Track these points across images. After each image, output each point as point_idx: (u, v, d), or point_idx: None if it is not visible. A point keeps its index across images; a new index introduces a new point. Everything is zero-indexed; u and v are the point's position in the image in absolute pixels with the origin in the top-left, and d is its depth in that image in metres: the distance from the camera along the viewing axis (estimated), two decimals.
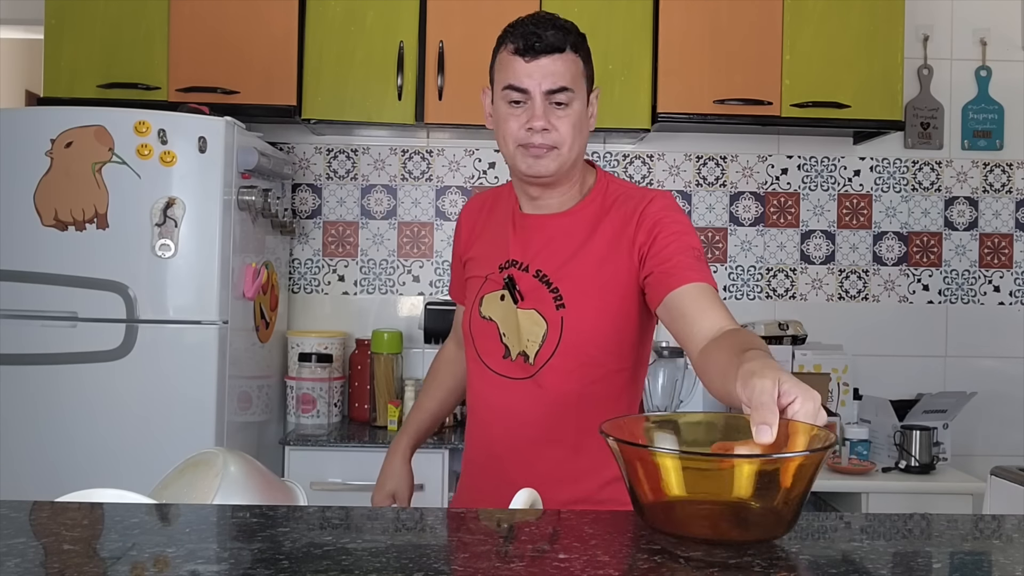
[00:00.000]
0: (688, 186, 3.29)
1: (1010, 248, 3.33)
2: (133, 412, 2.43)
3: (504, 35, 1.54)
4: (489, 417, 1.61)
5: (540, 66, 1.49)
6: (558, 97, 1.50)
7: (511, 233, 1.60)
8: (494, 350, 1.58)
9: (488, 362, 1.59)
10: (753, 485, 0.92)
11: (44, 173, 2.45)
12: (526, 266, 1.57)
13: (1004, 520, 1.16)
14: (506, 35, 1.54)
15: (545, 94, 1.49)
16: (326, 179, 3.25)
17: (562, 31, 1.51)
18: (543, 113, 1.49)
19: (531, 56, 1.49)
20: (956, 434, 3.06)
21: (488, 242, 1.67)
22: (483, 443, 1.64)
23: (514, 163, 1.55)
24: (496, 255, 1.61)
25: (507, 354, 1.57)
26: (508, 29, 1.54)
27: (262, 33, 2.87)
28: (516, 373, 1.56)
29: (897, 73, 2.93)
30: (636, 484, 0.97)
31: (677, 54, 2.91)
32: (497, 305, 1.58)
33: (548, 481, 1.47)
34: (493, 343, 1.58)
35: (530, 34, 1.49)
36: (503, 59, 1.53)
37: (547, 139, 1.50)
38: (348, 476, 2.72)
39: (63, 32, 2.85)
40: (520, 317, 1.55)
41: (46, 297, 2.44)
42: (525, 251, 1.58)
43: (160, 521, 1.06)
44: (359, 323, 3.22)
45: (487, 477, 1.63)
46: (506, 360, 1.57)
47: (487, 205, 1.71)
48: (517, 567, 0.92)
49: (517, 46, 1.50)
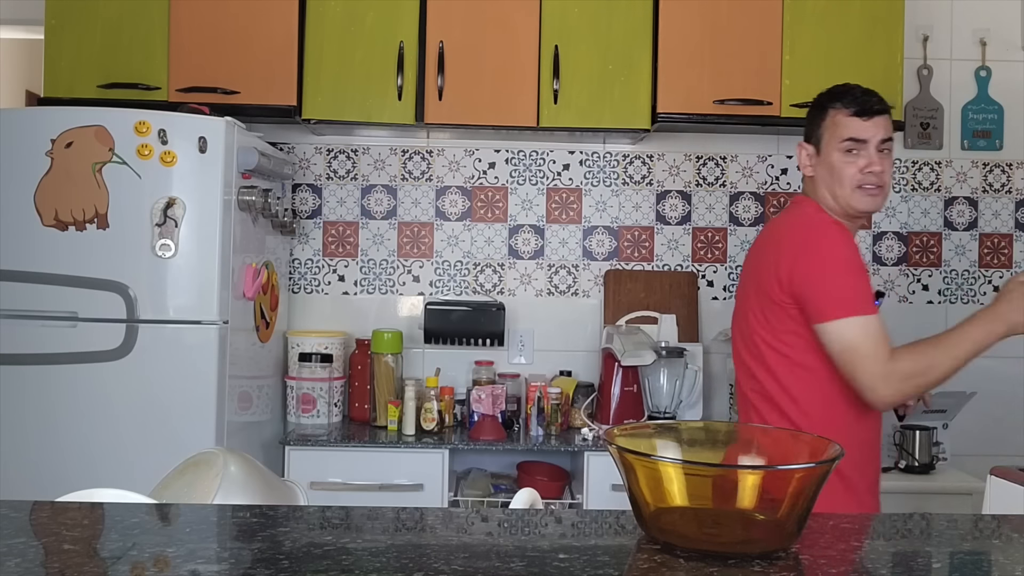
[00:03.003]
0: (688, 186, 3.29)
1: (1010, 248, 3.33)
2: (133, 412, 2.43)
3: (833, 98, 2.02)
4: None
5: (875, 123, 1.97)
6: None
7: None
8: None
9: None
10: (757, 496, 0.92)
11: (44, 173, 2.45)
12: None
13: (1004, 520, 1.16)
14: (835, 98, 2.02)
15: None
16: (326, 179, 3.25)
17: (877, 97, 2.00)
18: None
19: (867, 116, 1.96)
20: (956, 434, 3.06)
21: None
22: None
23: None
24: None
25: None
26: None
27: (262, 33, 2.87)
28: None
29: (897, 73, 2.92)
30: (637, 492, 0.97)
31: (677, 54, 2.91)
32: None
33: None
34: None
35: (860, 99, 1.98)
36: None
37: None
38: (348, 476, 2.72)
39: (63, 32, 2.85)
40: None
41: (46, 297, 2.44)
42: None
43: (160, 521, 1.06)
44: (359, 323, 3.22)
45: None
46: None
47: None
48: (517, 567, 0.92)
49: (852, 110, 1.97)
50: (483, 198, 3.26)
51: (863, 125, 1.95)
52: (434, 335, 3.06)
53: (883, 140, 1.96)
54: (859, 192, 1.95)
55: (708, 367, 3.20)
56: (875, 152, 1.95)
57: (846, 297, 1.85)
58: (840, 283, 1.86)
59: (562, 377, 3.13)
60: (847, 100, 1.98)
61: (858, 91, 1.99)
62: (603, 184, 3.27)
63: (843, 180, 1.95)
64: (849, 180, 1.95)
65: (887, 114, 1.99)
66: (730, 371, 3.19)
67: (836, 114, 1.99)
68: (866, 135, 1.95)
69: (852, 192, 1.95)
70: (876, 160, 1.94)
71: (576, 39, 2.90)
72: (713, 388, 3.24)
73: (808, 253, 1.89)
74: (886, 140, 1.97)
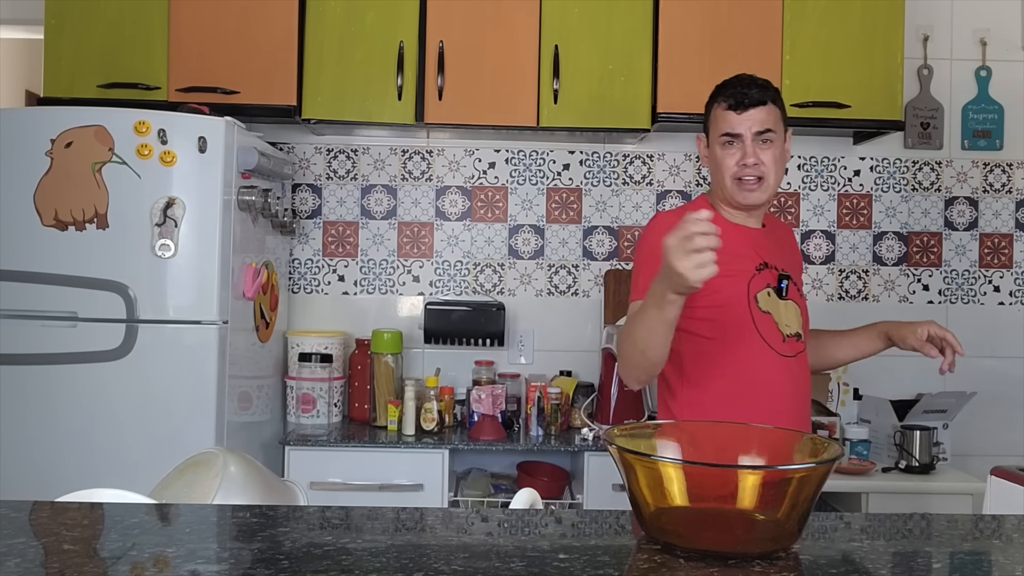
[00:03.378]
0: (688, 186, 3.29)
1: (1010, 248, 3.33)
2: (133, 412, 2.43)
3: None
4: (760, 391, 1.92)
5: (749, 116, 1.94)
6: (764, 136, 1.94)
7: (748, 241, 1.99)
8: (774, 335, 1.94)
9: (773, 344, 1.94)
10: (758, 496, 0.92)
11: (44, 173, 2.45)
12: (773, 266, 1.99)
13: (1004, 520, 1.16)
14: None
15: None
16: (326, 179, 3.25)
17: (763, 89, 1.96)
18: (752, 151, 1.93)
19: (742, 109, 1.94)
20: (956, 434, 3.06)
21: (725, 250, 1.86)
22: (746, 415, 1.86)
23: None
24: (742, 259, 1.95)
25: (784, 338, 1.95)
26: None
27: (262, 33, 2.87)
28: (788, 351, 1.95)
29: (897, 73, 2.93)
30: (637, 492, 0.97)
31: (677, 54, 2.91)
32: (767, 299, 1.95)
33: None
34: (772, 329, 1.94)
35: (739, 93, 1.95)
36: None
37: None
38: (348, 476, 2.72)
39: (63, 32, 2.85)
40: (785, 307, 1.98)
41: (46, 297, 2.44)
42: (770, 255, 2.00)
43: (160, 521, 1.06)
44: (359, 323, 3.22)
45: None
46: (783, 343, 1.95)
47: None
48: (517, 567, 0.92)
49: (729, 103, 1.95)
50: (483, 198, 3.26)
51: (737, 119, 1.94)
52: (434, 335, 3.06)
53: (759, 132, 1.93)
54: (738, 185, 1.95)
55: None
56: (751, 145, 1.93)
57: (634, 286, 1.92)
58: (635, 271, 1.94)
59: (562, 377, 3.13)
60: (725, 93, 1.97)
61: (737, 83, 1.98)
62: (603, 184, 3.27)
63: (723, 173, 1.96)
64: (728, 173, 1.95)
65: (768, 104, 1.95)
66: None
67: (716, 108, 1.99)
68: (739, 129, 1.93)
69: (732, 184, 1.95)
70: (751, 153, 1.92)
71: (576, 39, 2.90)
72: None
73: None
74: (764, 132, 1.94)
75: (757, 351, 1.92)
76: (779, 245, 2.08)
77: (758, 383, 1.92)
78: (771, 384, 1.93)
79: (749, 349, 1.92)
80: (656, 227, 1.94)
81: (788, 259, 2.07)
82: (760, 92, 1.95)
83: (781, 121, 1.99)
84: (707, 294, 1.83)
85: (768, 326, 1.94)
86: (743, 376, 1.92)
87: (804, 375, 2.01)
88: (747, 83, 1.97)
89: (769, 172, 1.94)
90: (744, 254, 1.96)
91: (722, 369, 1.91)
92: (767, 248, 2.02)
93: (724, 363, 1.91)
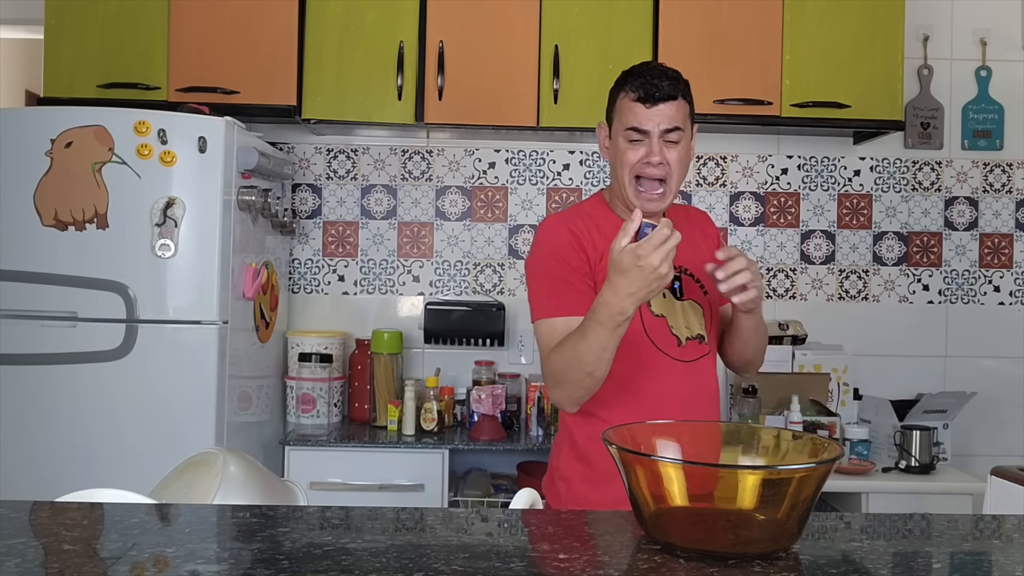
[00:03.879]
0: (688, 186, 3.28)
1: (1010, 248, 3.33)
2: (133, 412, 2.43)
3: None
4: (655, 400, 1.79)
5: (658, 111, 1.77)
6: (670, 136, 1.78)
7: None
8: (668, 340, 1.81)
9: (667, 350, 1.81)
10: (757, 496, 0.92)
11: (44, 173, 2.45)
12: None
13: (1004, 520, 1.16)
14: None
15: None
16: (326, 179, 3.25)
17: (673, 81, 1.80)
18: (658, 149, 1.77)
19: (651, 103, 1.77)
20: (956, 434, 3.06)
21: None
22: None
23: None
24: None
25: (681, 342, 1.82)
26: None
27: (262, 33, 2.87)
28: (687, 356, 1.82)
29: (897, 73, 2.93)
30: (637, 492, 0.97)
31: (677, 54, 2.91)
32: (661, 302, 1.82)
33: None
34: (665, 334, 1.81)
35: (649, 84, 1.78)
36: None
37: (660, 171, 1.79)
38: (348, 476, 2.72)
39: (63, 32, 2.85)
40: (683, 308, 1.84)
41: (46, 297, 2.44)
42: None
43: (160, 521, 1.06)
44: (359, 323, 3.22)
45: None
46: (680, 347, 1.82)
47: (585, 223, 1.84)
48: (517, 567, 0.92)
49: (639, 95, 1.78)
50: (483, 198, 3.26)
51: (645, 114, 1.76)
52: (434, 335, 3.06)
53: (668, 130, 1.76)
54: (635, 186, 1.79)
55: None
56: (657, 142, 1.76)
57: (540, 302, 1.79)
58: (536, 284, 1.81)
59: None
60: (633, 84, 1.79)
61: (647, 73, 1.79)
62: (603, 184, 3.27)
63: (624, 167, 1.79)
64: (628, 168, 1.78)
65: (678, 99, 1.78)
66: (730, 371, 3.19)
67: (623, 98, 1.80)
68: (647, 126, 1.76)
69: (629, 184, 1.79)
70: (657, 151, 1.75)
71: (576, 39, 2.90)
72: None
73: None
74: (672, 130, 1.77)
75: (649, 359, 1.79)
76: (685, 242, 1.83)
77: (652, 392, 1.78)
78: (667, 393, 1.79)
79: (640, 357, 1.79)
80: (550, 231, 1.83)
81: (694, 254, 1.87)
82: (671, 85, 1.78)
83: (689, 118, 1.83)
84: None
85: (661, 331, 1.80)
86: (636, 386, 1.79)
87: (708, 380, 1.86)
88: (658, 74, 1.79)
89: (673, 173, 1.78)
90: None
91: (615, 379, 1.75)
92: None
93: (616, 373, 1.74)
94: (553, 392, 1.76)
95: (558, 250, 1.79)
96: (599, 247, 1.80)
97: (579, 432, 1.82)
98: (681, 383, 1.80)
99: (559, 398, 1.76)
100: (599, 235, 1.81)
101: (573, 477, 1.82)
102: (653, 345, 1.79)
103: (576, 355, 1.66)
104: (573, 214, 1.86)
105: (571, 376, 1.69)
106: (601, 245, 1.79)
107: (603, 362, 1.65)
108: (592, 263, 1.80)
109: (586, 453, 1.80)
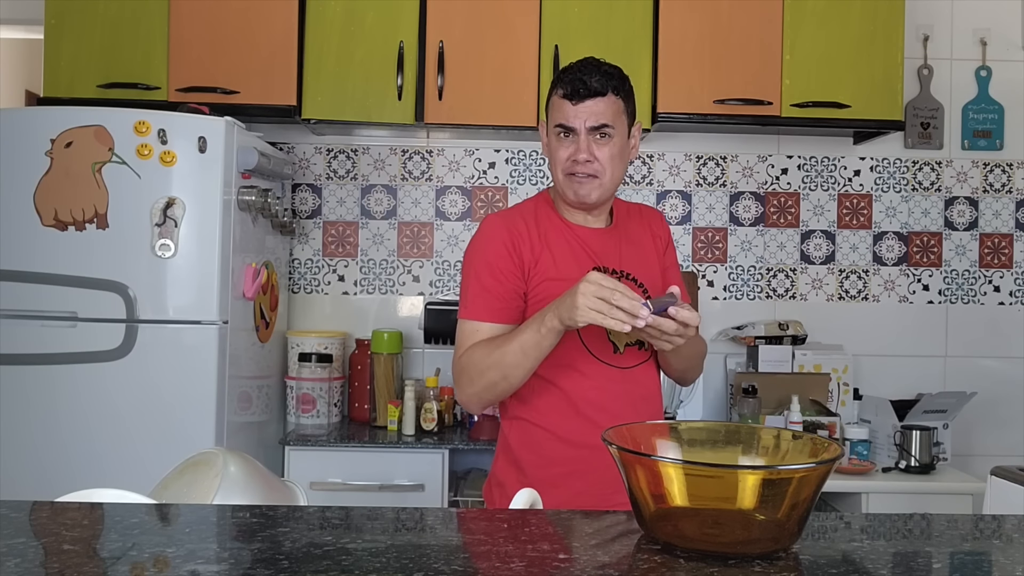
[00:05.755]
0: (688, 186, 3.28)
1: (1010, 248, 3.33)
2: (133, 412, 2.43)
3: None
4: (591, 408, 1.76)
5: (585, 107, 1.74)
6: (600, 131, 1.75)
7: (585, 245, 1.81)
8: (604, 347, 1.78)
9: (602, 357, 1.77)
10: (757, 496, 0.92)
11: (44, 173, 2.45)
12: (612, 270, 1.80)
13: (1004, 520, 1.16)
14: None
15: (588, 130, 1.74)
16: (326, 179, 3.25)
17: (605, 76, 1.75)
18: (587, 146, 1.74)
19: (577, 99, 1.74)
20: (956, 434, 3.06)
21: (559, 255, 1.79)
22: (588, 432, 1.74)
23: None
24: (575, 265, 1.77)
25: (618, 349, 1.78)
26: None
27: (262, 33, 2.87)
28: (625, 363, 1.79)
29: (897, 73, 2.93)
30: (637, 492, 0.97)
31: (677, 54, 2.91)
32: None
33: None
34: (601, 340, 1.77)
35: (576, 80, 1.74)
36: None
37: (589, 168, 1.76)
38: (348, 476, 2.72)
39: (63, 32, 2.85)
40: None
41: (46, 297, 2.44)
42: (609, 258, 1.81)
43: (160, 521, 1.06)
44: (359, 323, 3.22)
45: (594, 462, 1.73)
46: (616, 354, 1.78)
47: (526, 223, 1.82)
48: (517, 567, 0.92)
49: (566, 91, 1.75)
50: (483, 198, 3.26)
51: (571, 110, 1.73)
52: (434, 335, 3.05)
53: (595, 127, 1.73)
54: (568, 180, 1.77)
55: (708, 367, 3.19)
56: (585, 139, 1.73)
57: (470, 301, 1.78)
58: (465, 284, 1.81)
59: None
60: (563, 80, 1.76)
61: (578, 69, 1.75)
62: None
63: (555, 165, 1.78)
64: (559, 166, 1.77)
65: (607, 95, 1.74)
66: (730, 371, 3.19)
67: (554, 95, 1.78)
68: (573, 123, 1.73)
69: (563, 178, 1.77)
70: (584, 148, 1.73)
71: (576, 39, 2.90)
72: (713, 388, 3.24)
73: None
74: (600, 127, 1.74)
75: (583, 365, 1.76)
76: (632, 243, 1.87)
77: (587, 399, 1.75)
78: (601, 399, 1.76)
79: (575, 364, 1.76)
80: (487, 232, 1.80)
81: (643, 258, 1.86)
82: (601, 81, 1.73)
83: (624, 114, 1.78)
84: (533, 304, 1.75)
85: (597, 337, 1.77)
86: (571, 393, 1.76)
87: (647, 385, 1.83)
88: (588, 70, 1.74)
89: (603, 170, 1.75)
90: (576, 258, 1.79)
91: (550, 386, 1.75)
92: (610, 250, 1.82)
93: (552, 380, 1.74)
94: (464, 390, 1.75)
95: (491, 254, 1.78)
96: (536, 248, 1.78)
97: (513, 438, 1.81)
98: (616, 389, 1.77)
99: (467, 396, 1.75)
100: (538, 235, 1.80)
101: (508, 482, 1.80)
102: (588, 352, 1.77)
103: (497, 359, 1.67)
104: (515, 213, 1.84)
105: (486, 378, 1.69)
106: (539, 245, 1.78)
107: (521, 370, 1.66)
108: (527, 265, 1.78)
109: (519, 459, 1.79)
